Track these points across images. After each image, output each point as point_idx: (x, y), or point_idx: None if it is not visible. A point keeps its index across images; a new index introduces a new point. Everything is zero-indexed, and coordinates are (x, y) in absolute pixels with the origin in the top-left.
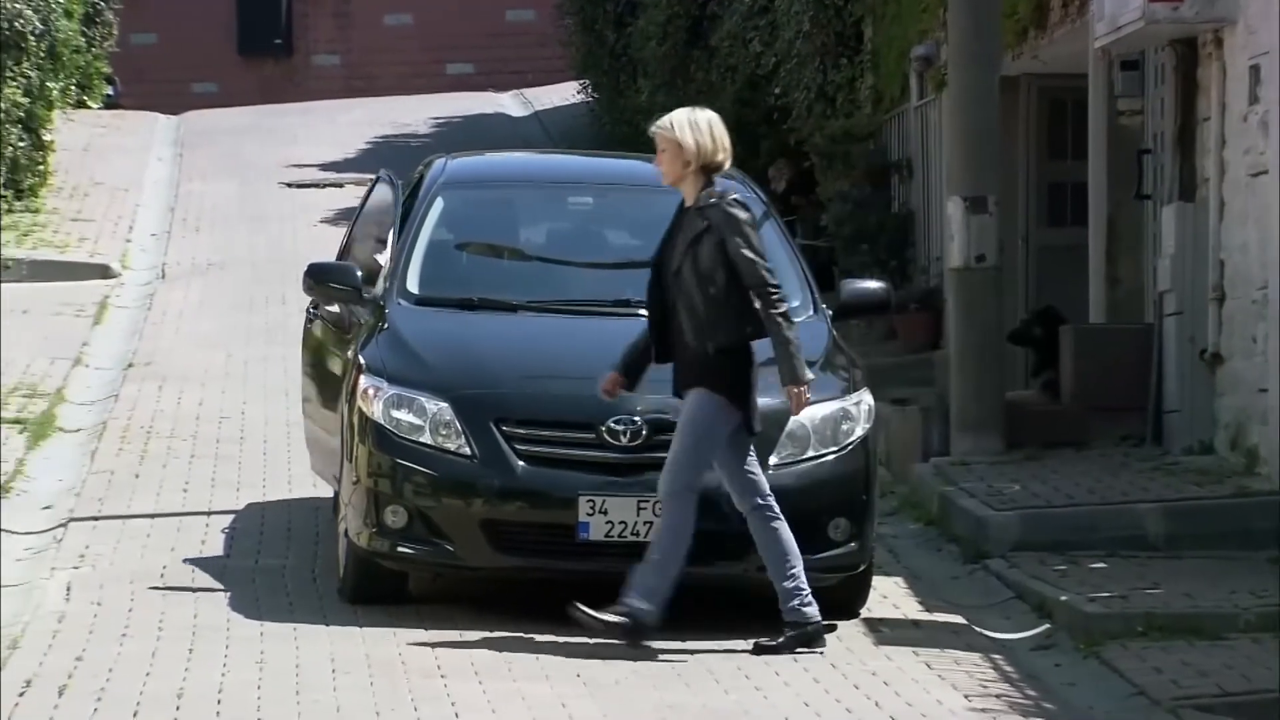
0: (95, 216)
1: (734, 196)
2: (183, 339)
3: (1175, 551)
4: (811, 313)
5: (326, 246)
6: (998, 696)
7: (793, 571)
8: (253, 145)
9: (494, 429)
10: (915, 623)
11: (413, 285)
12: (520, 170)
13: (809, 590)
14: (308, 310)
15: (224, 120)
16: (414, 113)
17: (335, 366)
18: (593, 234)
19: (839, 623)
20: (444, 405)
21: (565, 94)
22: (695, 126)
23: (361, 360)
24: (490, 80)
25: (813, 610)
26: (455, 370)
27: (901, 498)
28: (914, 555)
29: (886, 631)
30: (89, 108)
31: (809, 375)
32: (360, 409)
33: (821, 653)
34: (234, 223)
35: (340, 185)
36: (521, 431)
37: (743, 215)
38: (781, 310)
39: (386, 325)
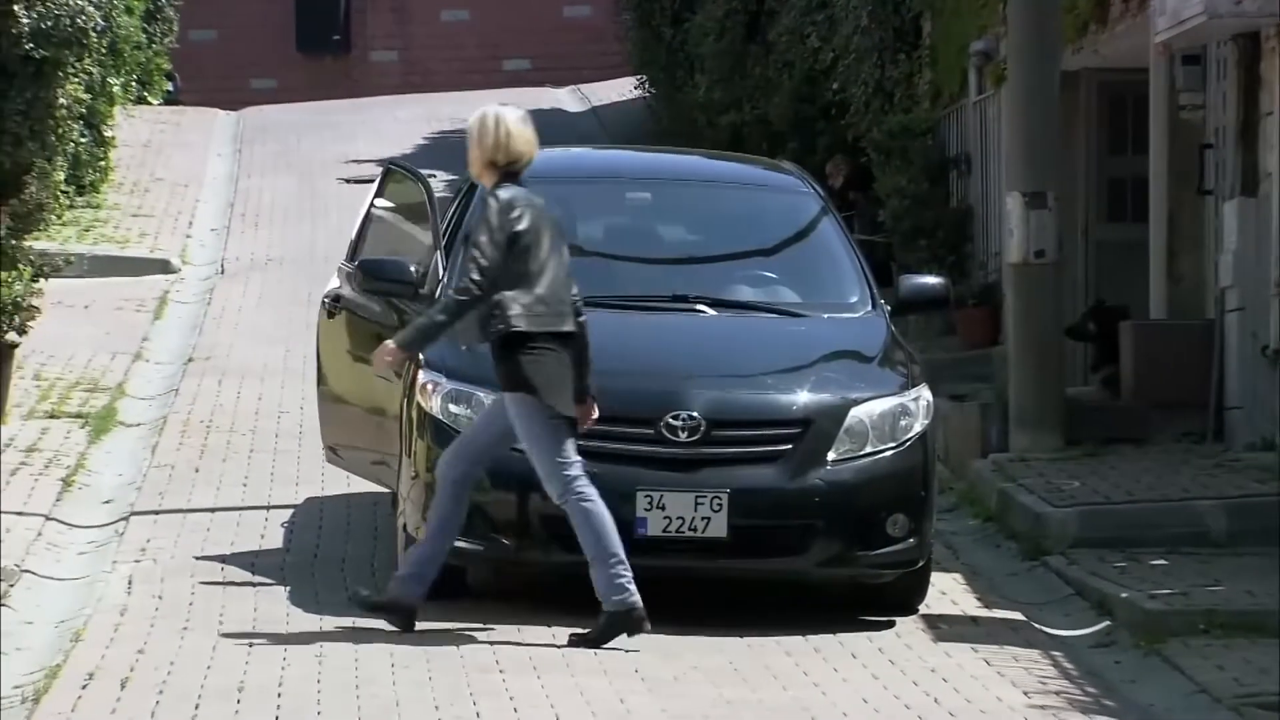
0: (155, 212)
1: (500, 193)
2: (242, 334)
3: (1237, 549)
4: (870, 308)
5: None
6: (1058, 693)
7: (615, 556)
8: (311, 141)
9: None
10: (974, 619)
11: None
12: (578, 166)
13: (631, 575)
14: (326, 303)
15: (283, 116)
16: (470, 108)
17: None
18: (651, 229)
19: (897, 619)
20: None
21: (622, 89)
22: (483, 124)
23: (421, 356)
24: (547, 76)
25: (635, 596)
26: None
27: (960, 494)
28: (972, 551)
29: (945, 628)
30: (149, 104)
31: (408, 347)
32: (419, 404)
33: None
34: (292, 218)
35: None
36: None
37: (491, 212)
38: (456, 299)
39: None
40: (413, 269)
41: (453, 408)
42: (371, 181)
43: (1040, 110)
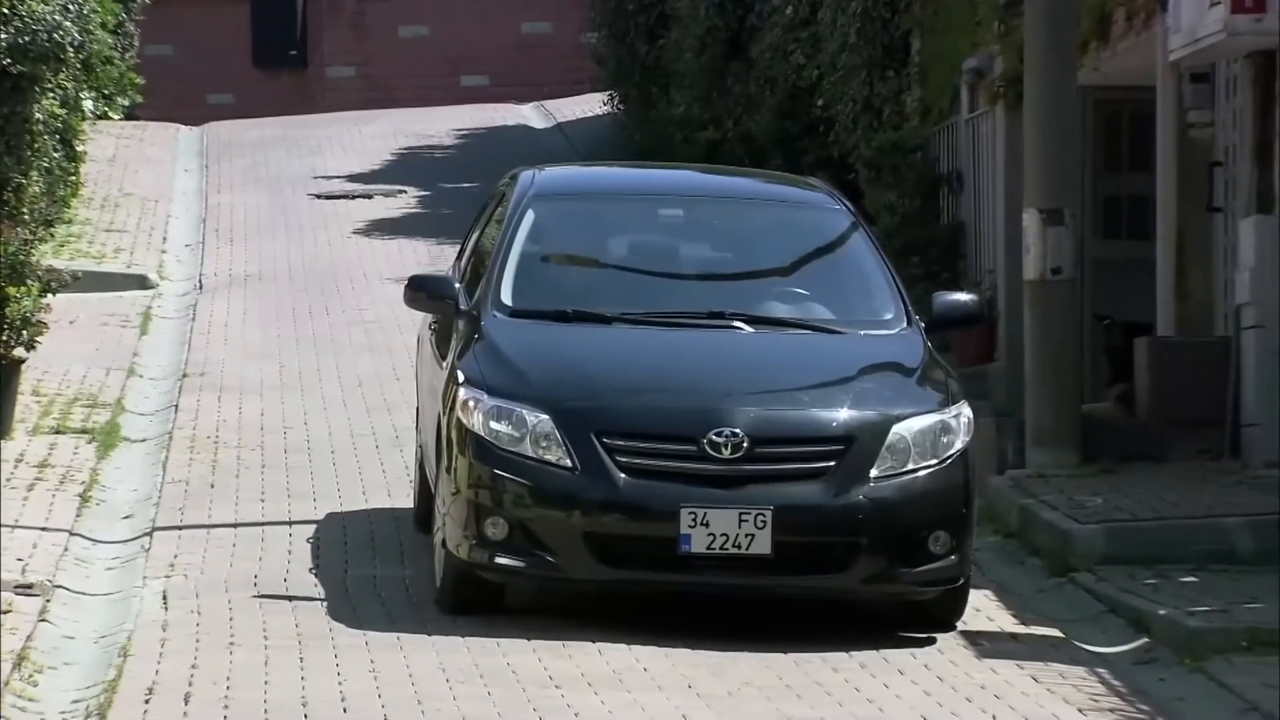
0: (128, 228)
1: None
2: (232, 350)
3: (1265, 566)
4: (905, 325)
5: (363, 258)
6: (1112, 711)
7: None
8: (278, 156)
9: (595, 441)
10: (1014, 636)
11: (507, 297)
12: (609, 183)
13: None
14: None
15: (247, 132)
16: (436, 124)
17: None
18: (683, 246)
19: (938, 635)
20: (544, 417)
21: (586, 106)
22: None
23: (460, 372)
24: (506, 92)
25: None
26: (555, 382)
27: (978, 510)
28: (998, 568)
29: (987, 644)
30: (110, 118)
31: None
32: (459, 420)
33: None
34: (266, 234)
35: (370, 197)
36: (622, 444)
37: None
38: None
39: (483, 337)
40: (457, 285)
41: (494, 424)
42: (345, 197)
43: (1057, 127)
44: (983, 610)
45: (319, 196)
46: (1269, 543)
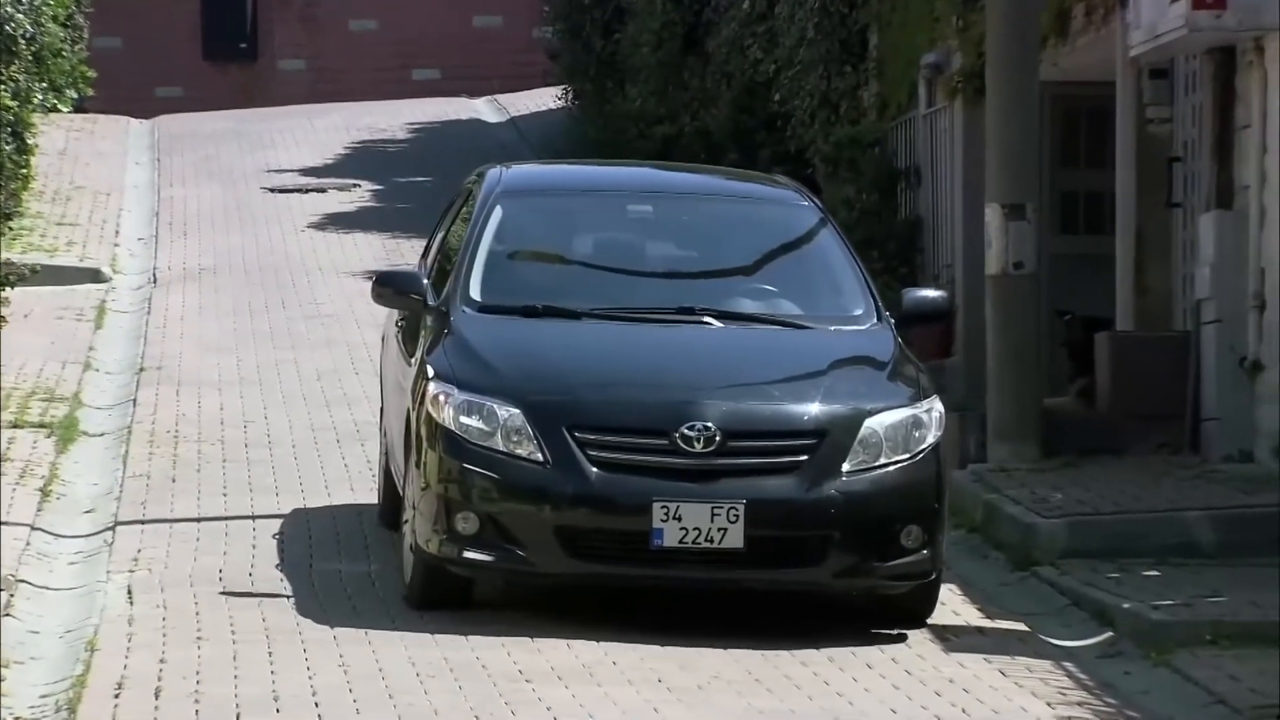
0: (80, 221)
1: None
2: (189, 344)
3: (1226, 560)
4: (875, 321)
5: (318, 252)
6: (1080, 704)
7: None
8: (230, 150)
9: (566, 435)
10: (980, 630)
11: (475, 293)
12: (578, 179)
13: None
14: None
15: (198, 125)
16: (388, 118)
17: None
18: (652, 242)
19: (908, 631)
20: (515, 411)
21: (540, 100)
22: None
23: (430, 367)
24: (457, 86)
25: None
26: (525, 377)
27: None
28: (961, 562)
29: (954, 639)
30: (59, 111)
31: None
32: (430, 415)
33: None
34: (220, 227)
35: (323, 190)
36: (594, 438)
37: None
38: None
39: (452, 332)
40: (425, 280)
41: (464, 419)
42: (298, 191)
43: (1020, 123)
44: (948, 604)
45: (272, 190)
46: (1230, 537)
